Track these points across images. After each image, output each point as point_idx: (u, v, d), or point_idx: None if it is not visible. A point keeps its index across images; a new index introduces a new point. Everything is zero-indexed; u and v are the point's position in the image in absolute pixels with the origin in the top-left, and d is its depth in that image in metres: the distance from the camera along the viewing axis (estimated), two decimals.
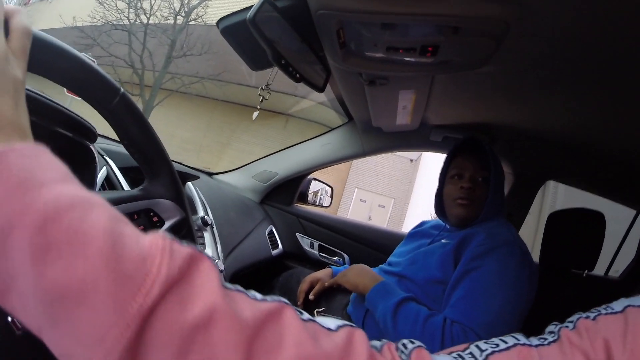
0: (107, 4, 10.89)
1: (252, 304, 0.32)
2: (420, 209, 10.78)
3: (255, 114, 1.08)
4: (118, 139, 0.68)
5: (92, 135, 0.78)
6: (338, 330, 0.34)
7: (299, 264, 1.92)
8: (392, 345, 0.37)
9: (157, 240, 0.29)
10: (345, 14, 0.76)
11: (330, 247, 1.94)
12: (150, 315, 0.27)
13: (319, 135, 1.87)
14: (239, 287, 0.33)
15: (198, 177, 1.26)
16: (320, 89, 1.04)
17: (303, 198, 2.06)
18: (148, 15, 10.79)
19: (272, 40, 0.81)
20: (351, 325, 0.35)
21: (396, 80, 1.08)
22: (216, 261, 1.12)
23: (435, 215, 1.37)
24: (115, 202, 0.62)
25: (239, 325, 0.29)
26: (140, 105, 10.37)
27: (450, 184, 1.26)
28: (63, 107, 0.67)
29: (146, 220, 0.68)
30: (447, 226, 1.32)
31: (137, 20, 10.86)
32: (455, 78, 1.08)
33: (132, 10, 10.91)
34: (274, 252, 1.81)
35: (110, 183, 0.93)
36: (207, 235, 1.19)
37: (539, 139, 1.38)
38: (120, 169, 0.99)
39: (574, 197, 1.61)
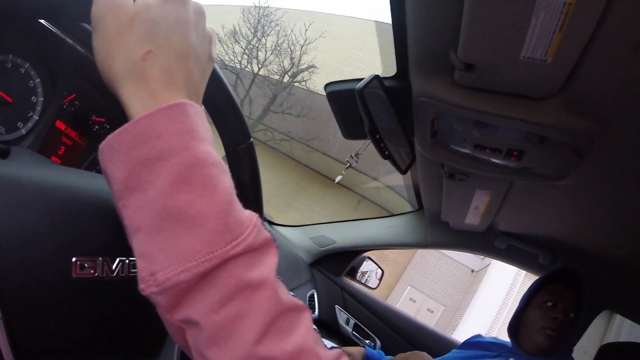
0: (227, 45, 12.01)
1: (288, 293, 0.39)
2: (474, 323, 10.12)
3: (339, 178, 1.15)
4: None
5: None
6: (332, 349, 0.40)
7: (328, 336, 1.89)
8: None
9: (253, 217, 0.39)
10: (443, 105, 0.82)
11: (365, 329, 1.90)
12: (227, 261, 0.35)
13: (386, 217, 1.90)
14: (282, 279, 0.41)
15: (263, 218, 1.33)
16: (403, 171, 1.09)
17: (352, 273, 2.06)
18: (259, 66, 11.70)
19: (372, 114, 0.89)
20: (342, 352, 0.42)
21: (475, 179, 1.11)
22: None
23: (489, 334, 1.33)
24: None
25: (276, 299, 0.36)
26: None
27: (540, 310, 1.22)
28: None
29: None
30: (515, 348, 1.27)
31: (248, 67, 11.81)
32: (533, 187, 1.08)
33: (246, 57, 11.92)
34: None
35: None
36: None
37: (604, 264, 1.31)
38: None
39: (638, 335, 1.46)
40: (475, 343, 1.41)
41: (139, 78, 0.36)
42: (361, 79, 0.87)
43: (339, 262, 2.01)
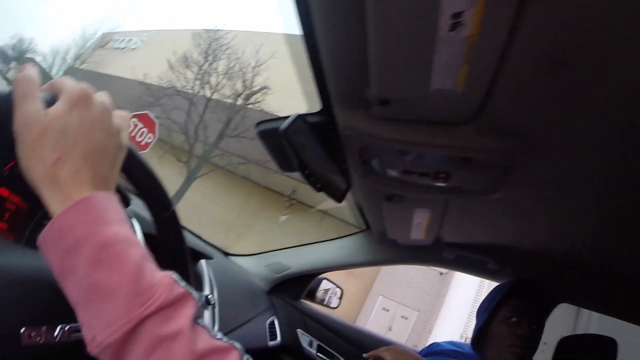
0: (178, 71, 11.89)
1: (207, 339, 0.45)
2: (449, 324, 10.28)
3: (283, 218, 1.16)
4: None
5: (125, 201, 0.87)
6: None
7: (293, 359, 1.88)
8: None
9: (165, 278, 0.45)
10: (367, 138, 0.85)
11: (328, 349, 1.91)
12: (143, 320, 0.41)
13: (337, 238, 1.93)
14: (206, 324, 0.47)
15: (212, 258, 1.33)
16: (339, 200, 1.12)
17: (311, 295, 2.07)
18: (212, 90, 11.65)
19: (299, 151, 0.91)
20: None
21: (411, 199, 1.14)
22: None
23: (464, 336, 1.37)
24: None
25: (191, 347, 0.42)
26: (184, 173, 10.83)
27: (505, 327, 1.25)
28: None
29: None
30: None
31: (201, 92, 11.73)
32: (468, 202, 1.13)
33: (198, 82, 11.84)
34: (271, 343, 1.80)
35: None
36: (206, 315, 1.22)
37: (551, 262, 1.37)
38: (144, 234, 1.08)
39: (611, 324, 1.51)
40: (437, 352, 1.43)
41: (52, 181, 0.44)
42: (288, 117, 0.90)
43: (297, 286, 2.01)
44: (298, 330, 1.95)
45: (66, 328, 0.52)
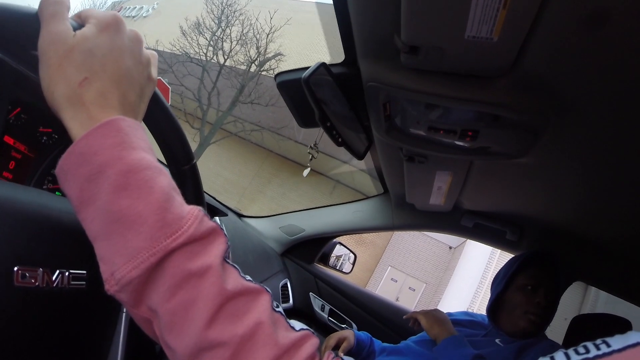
0: (190, 37, 11.76)
1: (238, 279, 0.42)
2: (456, 299, 10.36)
3: (307, 171, 1.12)
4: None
5: None
6: (299, 331, 0.43)
7: (305, 323, 1.90)
8: (331, 355, 0.46)
9: (195, 210, 0.42)
10: (393, 89, 0.81)
11: (340, 314, 1.91)
12: (170, 254, 0.38)
13: (353, 202, 1.90)
14: (237, 266, 0.43)
15: (226, 215, 1.31)
16: (360, 157, 1.08)
17: (325, 259, 2.07)
18: (225, 57, 11.53)
19: (322, 102, 0.87)
20: (312, 332, 0.44)
21: (434, 160, 1.10)
22: None
23: (470, 309, 1.36)
24: None
25: (220, 285, 0.39)
26: (197, 139, 10.86)
27: (521, 294, 1.24)
28: None
29: None
30: (494, 329, 1.29)
31: (214, 58, 11.62)
32: (493, 166, 1.09)
33: (211, 49, 11.72)
34: (283, 305, 1.81)
35: None
36: None
37: (571, 237, 1.33)
38: None
39: (615, 303, 1.49)
40: (452, 321, 1.42)
41: (77, 102, 0.40)
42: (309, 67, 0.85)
43: (310, 249, 2.01)
44: (310, 293, 1.96)
45: (66, 274, 0.49)
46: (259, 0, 11.91)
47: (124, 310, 0.57)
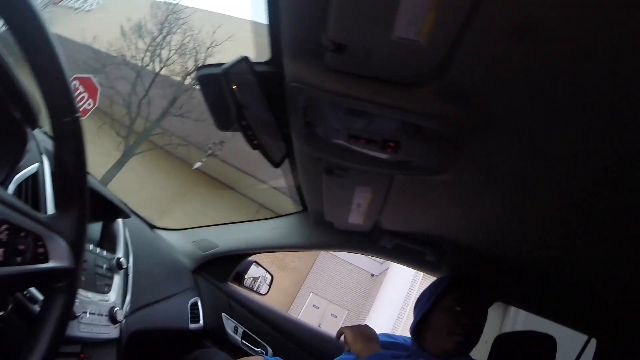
0: (130, 39, 11.27)
1: None
2: (378, 327, 10.47)
3: (199, 164, 1.05)
4: None
5: (33, 119, 0.75)
6: None
7: (217, 345, 1.77)
8: None
9: None
10: (314, 91, 0.77)
11: (254, 336, 1.81)
12: None
13: (271, 218, 1.84)
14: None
15: (129, 216, 1.21)
16: (276, 164, 1.03)
17: (239, 279, 1.96)
18: (162, 64, 11.15)
19: (241, 102, 0.81)
20: None
21: (355, 175, 1.07)
22: (116, 309, 1.02)
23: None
24: (18, 211, 0.56)
25: None
26: (121, 148, 10.31)
27: (448, 316, 1.22)
28: (16, 78, 0.68)
29: (32, 246, 0.59)
30: (418, 350, 1.27)
31: (150, 65, 11.18)
32: (414, 183, 1.08)
33: (149, 54, 11.28)
34: (192, 325, 1.68)
35: (35, 183, 0.85)
36: (117, 279, 1.10)
37: (490, 258, 1.35)
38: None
39: (535, 323, 1.52)
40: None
41: None
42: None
43: (224, 267, 1.90)
44: (223, 314, 1.84)
45: None
46: (205, 13, 11.77)
47: None
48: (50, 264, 0.62)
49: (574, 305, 1.36)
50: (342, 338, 1.30)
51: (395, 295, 11.02)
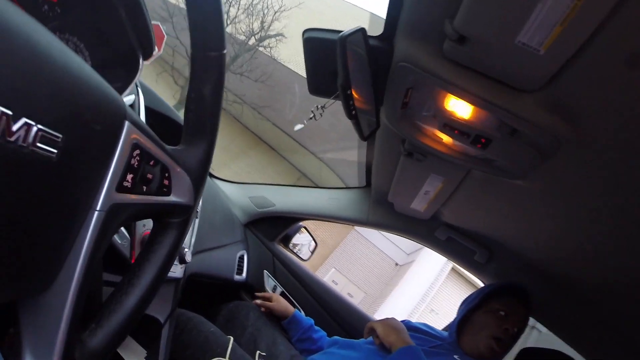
0: None
1: None
2: (390, 314, 10.48)
3: (300, 126, 1.07)
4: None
5: (147, 51, 0.75)
6: None
7: (253, 299, 1.85)
8: None
9: None
10: (424, 75, 0.79)
11: (290, 298, 1.87)
12: None
13: (330, 188, 1.86)
14: None
15: None
16: (365, 137, 1.05)
17: (286, 241, 2.02)
18: (228, 22, 11.23)
19: (350, 70, 0.83)
20: None
21: (433, 161, 1.09)
22: (185, 250, 1.06)
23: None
24: (150, 139, 0.54)
25: None
26: (177, 97, 10.55)
27: (492, 318, 1.25)
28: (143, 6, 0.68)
29: (159, 176, 0.57)
30: (454, 344, 1.30)
31: None
32: (487, 183, 1.08)
33: None
34: (237, 277, 1.75)
35: None
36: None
37: (536, 274, 1.34)
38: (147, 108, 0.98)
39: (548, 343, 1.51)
40: (410, 327, 1.41)
41: None
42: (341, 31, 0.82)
43: (275, 227, 1.95)
44: (265, 271, 1.91)
45: (34, 129, 0.35)
46: None
47: (98, 207, 0.46)
48: (172, 198, 0.60)
49: (609, 344, 1.32)
50: (371, 333, 1.33)
51: (414, 289, 10.96)
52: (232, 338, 1.26)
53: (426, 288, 10.77)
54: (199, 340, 1.22)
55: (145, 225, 0.95)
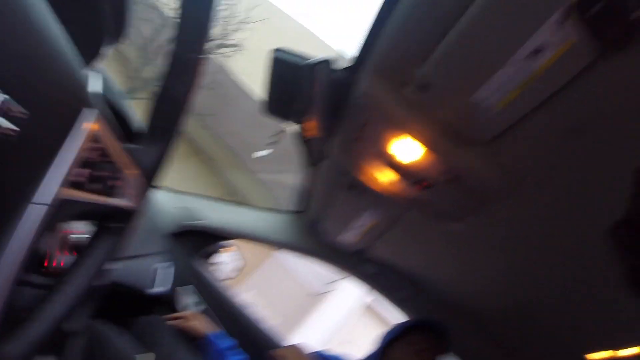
0: None
1: None
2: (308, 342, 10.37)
3: (260, 153, 1.05)
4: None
5: (116, 34, 0.70)
6: None
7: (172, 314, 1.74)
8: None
9: None
10: (380, 113, 0.82)
11: (211, 317, 1.78)
12: None
13: (262, 209, 1.83)
14: None
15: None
16: (313, 163, 1.06)
17: (211, 257, 1.94)
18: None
19: (312, 98, 0.84)
20: None
21: (372, 197, 1.11)
22: None
23: None
24: (113, 135, 0.52)
25: None
26: (123, 87, 10.04)
27: (410, 349, 1.26)
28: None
29: (112, 175, 0.54)
30: None
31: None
32: (422, 223, 1.13)
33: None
34: (154, 290, 1.63)
35: None
36: None
37: (464, 313, 1.38)
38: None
39: None
40: (323, 358, 1.41)
41: None
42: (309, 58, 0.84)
43: (201, 241, 1.87)
44: (187, 287, 1.80)
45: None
46: None
47: (44, 200, 0.42)
48: (120, 201, 0.58)
49: None
50: None
51: (326, 322, 10.97)
52: (154, 355, 1.19)
53: (336, 323, 10.80)
54: (110, 355, 1.14)
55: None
